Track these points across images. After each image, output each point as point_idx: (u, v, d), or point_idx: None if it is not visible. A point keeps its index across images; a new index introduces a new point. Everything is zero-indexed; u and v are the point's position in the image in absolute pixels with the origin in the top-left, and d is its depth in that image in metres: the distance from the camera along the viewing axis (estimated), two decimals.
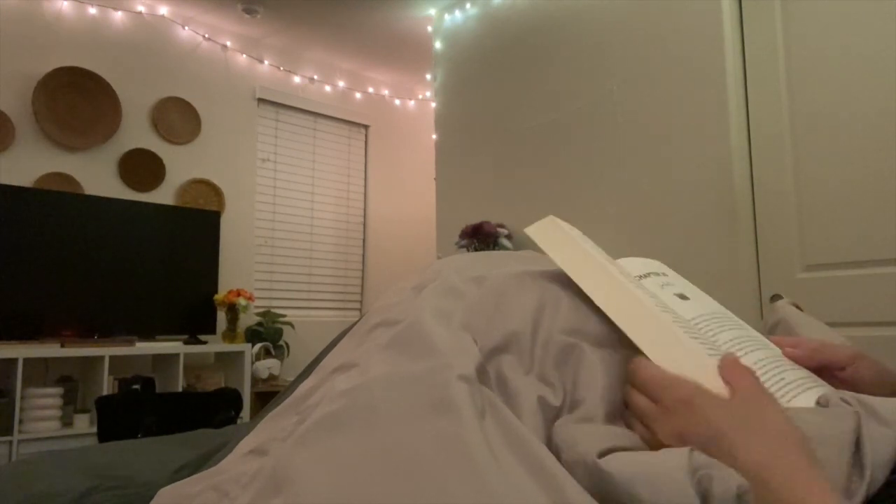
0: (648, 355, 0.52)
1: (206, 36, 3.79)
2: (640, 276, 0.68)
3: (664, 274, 0.70)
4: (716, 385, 0.48)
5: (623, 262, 0.71)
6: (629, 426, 0.51)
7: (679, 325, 0.54)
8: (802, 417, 0.49)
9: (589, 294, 0.58)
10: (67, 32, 3.32)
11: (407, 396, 0.46)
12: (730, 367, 0.49)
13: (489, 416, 0.45)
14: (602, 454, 0.43)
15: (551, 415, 0.50)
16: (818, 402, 0.51)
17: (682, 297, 0.66)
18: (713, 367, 0.49)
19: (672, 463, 0.40)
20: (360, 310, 4.40)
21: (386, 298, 0.71)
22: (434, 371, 0.47)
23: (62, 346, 2.86)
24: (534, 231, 0.67)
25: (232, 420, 2.15)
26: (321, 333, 3.48)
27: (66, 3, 3.33)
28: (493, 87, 3.11)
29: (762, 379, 0.55)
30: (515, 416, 0.47)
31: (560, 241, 0.64)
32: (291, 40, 4.03)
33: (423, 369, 0.48)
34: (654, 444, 0.48)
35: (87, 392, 3.00)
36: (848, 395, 0.50)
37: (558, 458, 0.44)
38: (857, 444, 0.46)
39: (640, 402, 0.49)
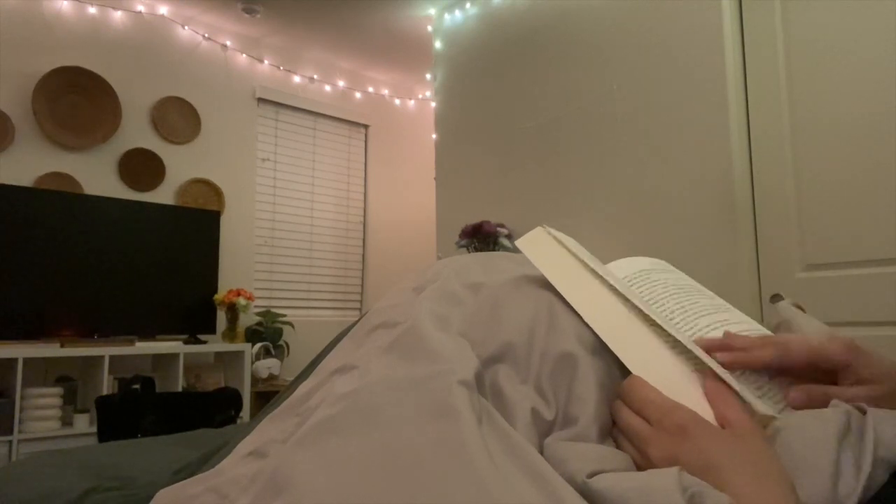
0: (633, 373, 0.52)
1: (206, 36, 3.79)
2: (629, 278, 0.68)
3: (649, 269, 0.70)
4: (699, 409, 0.48)
5: (618, 262, 0.71)
6: (616, 442, 0.51)
7: (664, 340, 0.54)
8: (793, 422, 0.49)
9: (576, 309, 0.58)
10: (67, 32, 3.32)
11: (407, 400, 0.46)
12: (718, 396, 0.49)
13: (486, 423, 0.45)
14: (591, 475, 0.43)
15: (544, 428, 0.50)
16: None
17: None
18: (696, 391, 0.49)
19: (663, 480, 0.41)
20: (360, 310, 4.40)
21: (386, 299, 0.71)
22: (435, 376, 0.47)
23: (62, 345, 2.86)
24: (523, 244, 0.67)
25: (232, 420, 2.15)
26: (321, 333, 3.48)
27: (65, 3, 3.33)
28: (493, 87, 3.11)
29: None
30: (510, 425, 0.47)
31: (549, 254, 0.64)
32: (291, 40, 4.03)
33: (423, 373, 0.48)
34: (643, 466, 0.48)
35: (87, 392, 3.00)
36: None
37: None
38: (861, 443, 0.46)
39: (634, 422, 0.49)
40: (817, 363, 0.54)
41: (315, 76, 4.25)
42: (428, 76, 3.92)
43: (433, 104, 3.48)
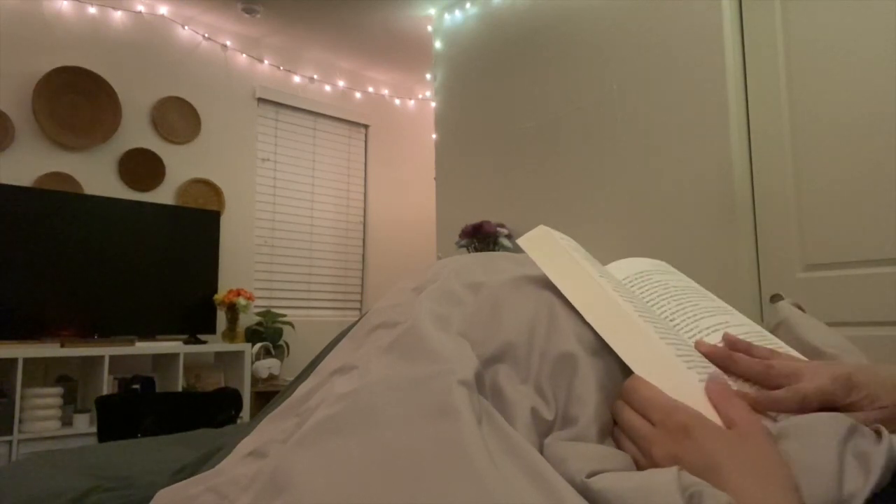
0: (637, 373, 0.52)
1: (206, 36, 3.79)
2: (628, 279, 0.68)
3: (649, 272, 0.70)
4: (702, 409, 0.48)
5: (619, 263, 0.71)
6: (617, 441, 0.51)
7: (667, 341, 0.54)
8: (795, 423, 0.49)
9: (579, 309, 0.58)
10: (67, 32, 3.32)
11: (407, 400, 0.46)
12: (722, 396, 0.49)
13: (486, 423, 0.45)
14: (591, 475, 0.43)
15: (544, 428, 0.50)
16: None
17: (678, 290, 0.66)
18: (700, 392, 0.49)
19: (662, 480, 0.41)
20: (360, 310, 4.40)
21: (386, 299, 0.71)
22: (435, 375, 0.47)
23: (62, 345, 2.86)
24: (525, 242, 0.67)
25: (232, 420, 2.15)
26: (321, 333, 3.48)
27: (65, 3, 3.33)
28: (493, 87, 3.11)
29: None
30: (510, 425, 0.47)
31: (551, 254, 0.64)
32: (291, 40, 4.03)
33: (423, 373, 0.48)
34: (644, 466, 0.48)
35: (87, 392, 3.00)
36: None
37: None
38: (873, 445, 0.46)
39: (637, 422, 0.49)
40: (827, 407, 0.55)
41: (315, 76, 4.25)
42: (428, 76, 3.92)
43: (433, 104, 3.48)
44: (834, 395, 0.54)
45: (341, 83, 4.38)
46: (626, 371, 0.53)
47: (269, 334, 3.71)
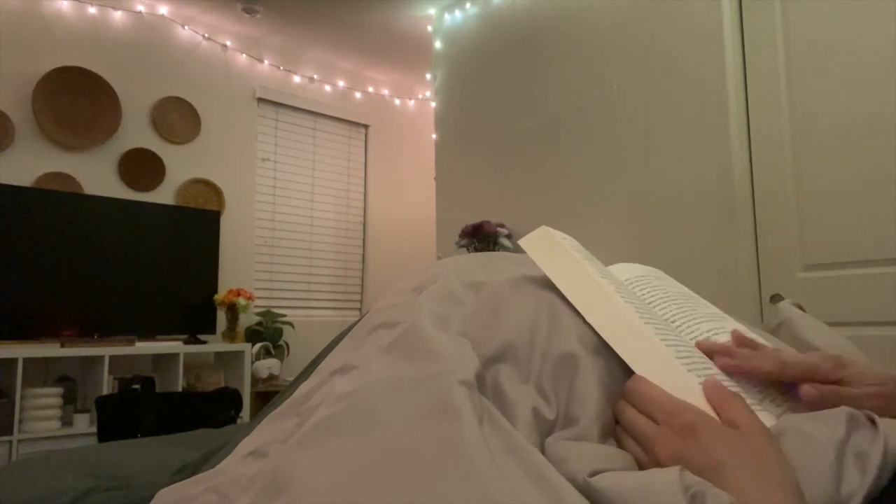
0: (637, 374, 0.52)
1: (206, 36, 3.79)
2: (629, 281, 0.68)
3: (646, 277, 0.70)
4: (704, 409, 0.48)
5: (614, 268, 0.71)
6: (619, 441, 0.51)
7: (667, 342, 0.54)
8: (794, 423, 0.49)
9: (580, 310, 0.58)
10: (67, 32, 3.32)
11: (408, 400, 0.46)
12: (721, 397, 0.49)
13: (487, 423, 0.45)
14: (593, 474, 0.43)
15: (545, 428, 0.50)
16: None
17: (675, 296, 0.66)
18: (700, 393, 0.50)
19: (664, 480, 0.41)
20: (360, 310, 4.40)
21: (386, 299, 0.71)
22: (435, 375, 0.47)
23: (62, 345, 2.86)
24: (526, 243, 0.67)
25: (232, 420, 2.15)
26: (321, 333, 3.48)
27: (65, 3, 3.33)
28: (493, 87, 3.11)
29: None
30: (511, 425, 0.47)
31: (552, 254, 0.64)
32: (291, 40, 4.03)
33: (424, 373, 0.48)
34: (647, 465, 0.48)
35: (87, 392, 3.00)
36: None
37: None
38: (870, 445, 0.46)
39: (640, 422, 0.49)
40: (812, 379, 0.54)
41: (315, 76, 4.25)
42: (428, 76, 3.92)
43: (433, 104, 3.48)
44: (819, 368, 0.54)
45: (341, 83, 4.38)
46: (628, 371, 0.53)
47: (269, 334, 3.71)
